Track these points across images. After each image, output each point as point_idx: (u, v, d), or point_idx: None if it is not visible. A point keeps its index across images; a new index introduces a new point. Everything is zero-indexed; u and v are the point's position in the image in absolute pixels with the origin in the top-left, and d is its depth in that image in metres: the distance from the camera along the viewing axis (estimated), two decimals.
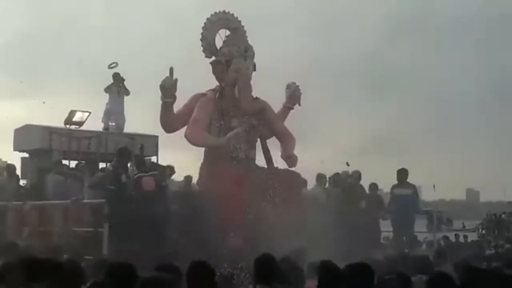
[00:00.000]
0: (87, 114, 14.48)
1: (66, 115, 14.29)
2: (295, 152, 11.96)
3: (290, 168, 11.78)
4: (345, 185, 13.10)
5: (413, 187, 13.27)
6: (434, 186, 20.58)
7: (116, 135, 14.34)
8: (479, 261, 9.15)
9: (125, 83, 14.97)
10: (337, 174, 13.25)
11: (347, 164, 13.27)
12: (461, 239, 20.19)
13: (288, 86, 12.85)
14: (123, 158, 11.12)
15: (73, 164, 13.69)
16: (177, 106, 11.77)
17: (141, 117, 18.34)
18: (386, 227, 13.72)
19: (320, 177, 13.21)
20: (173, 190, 12.02)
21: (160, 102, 11.41)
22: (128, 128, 14.89)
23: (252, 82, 11.93)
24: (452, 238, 19.11)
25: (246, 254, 8.67)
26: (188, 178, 12.94)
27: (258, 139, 12.08)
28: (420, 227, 14.74)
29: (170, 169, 12.85)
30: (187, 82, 12.17)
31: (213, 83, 12.15)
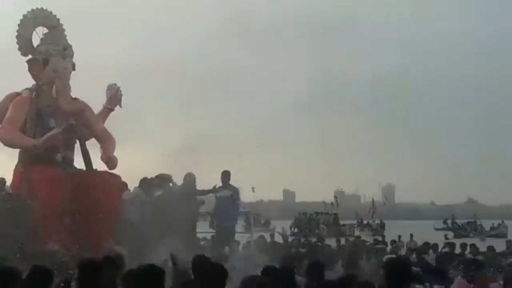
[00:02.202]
0: None
1: None
2: (116, 153, 11.84)
3: (110, 170, 11.62)
4: (167, 188, 13.12)
5: (234, 189, 13.63)
6: (253, 188, 21.34)
7: None
8: None
9: None
10: (158, 177, 13.21)
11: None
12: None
13: (109, 87, 12.68)
14: None
15: None
16: None
17: None
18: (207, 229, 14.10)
19: (143, 181, 13.11)
20: None
21: None
22: None
23: (70, 81, 11.67)
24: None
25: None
26: (1, 181, 12.53)
27: (77, 141, 11.80)
28: (239, 228, 15.31)
29: None
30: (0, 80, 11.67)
31: (30, 82, 11.71)
